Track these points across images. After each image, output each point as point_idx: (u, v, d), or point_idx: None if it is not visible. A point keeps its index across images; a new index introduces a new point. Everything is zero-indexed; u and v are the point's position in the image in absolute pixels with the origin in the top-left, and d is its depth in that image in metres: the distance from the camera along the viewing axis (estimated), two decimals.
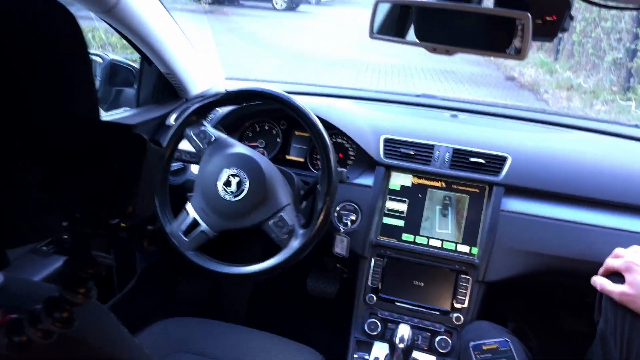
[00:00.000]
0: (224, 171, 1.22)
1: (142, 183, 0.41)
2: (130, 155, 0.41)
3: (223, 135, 1.28)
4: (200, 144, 1.26)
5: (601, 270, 1.04)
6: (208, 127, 1.27)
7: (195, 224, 1.24)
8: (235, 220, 1.22)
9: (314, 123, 1.21)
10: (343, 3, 14.74)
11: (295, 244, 1.19)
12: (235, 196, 1.21)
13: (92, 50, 1.54)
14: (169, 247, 1.26)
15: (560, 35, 1.00)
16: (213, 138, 1.26)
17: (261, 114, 1.54)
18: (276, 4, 12.78)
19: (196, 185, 1.26)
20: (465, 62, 8.19)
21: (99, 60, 1.51)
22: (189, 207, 1.25)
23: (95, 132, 0.42)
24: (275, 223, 1.20)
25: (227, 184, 1.21)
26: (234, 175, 1.22)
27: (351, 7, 13.68)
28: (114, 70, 1.52)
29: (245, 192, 1.20)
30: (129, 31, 1.26)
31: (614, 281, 0.98)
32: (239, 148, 1.26)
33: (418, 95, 1.73)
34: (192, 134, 1.26)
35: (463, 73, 7.69)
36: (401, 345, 1.08)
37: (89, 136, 0.42)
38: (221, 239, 1.25)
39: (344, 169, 1.29)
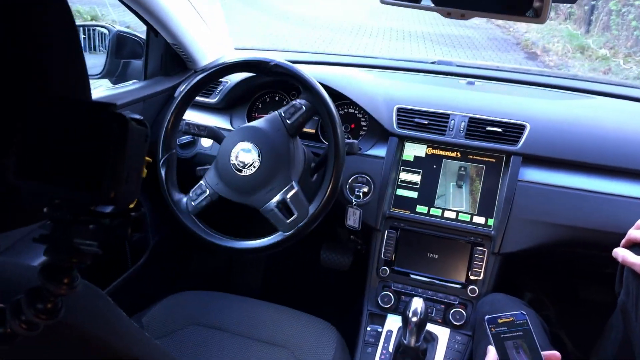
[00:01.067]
0: (238, 144, 1.20)
1: (124, 166, 0.39)
2: (110, 136, 0.38)
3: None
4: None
5: (623, 241, 1.00)
6: None
7: (205, 195, 1.23)
8: (238, 194, 1.21)
9: (319, 92, 1.17)
10: None
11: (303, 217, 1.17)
12: (241, 171, 1.19)
13: (98, 22, 1.51)
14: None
15: None
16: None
17: (271, 85, 1.50)
18: None
19: (216, 159, 1.24)
20: (481, 37, 7.88)
21: (105, 32, 1.48)
22: (203, 181, 1.24)
23: (72, 113, 0.39)
24: (277, 204, 1.17)
25: (241, 157, 1.19)
26: (247, 151, 1.19)
27: None
28: (121, 41, 1.49)
29: (252, 171, 1.18)
30: (134, 1, 1.22)
31: (637, 253, 0.95)
32: (263, 123, 1.22)
33: (433, 62, 1.68)
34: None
35: (479, 43, 7.47)
36: (414, 319, 1.06)
37: (66, 117, 0.39)
38: (229, 214, 1.24)
39: (355, 141, 1.26)
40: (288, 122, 1.19)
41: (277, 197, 1.17)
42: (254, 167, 1.18)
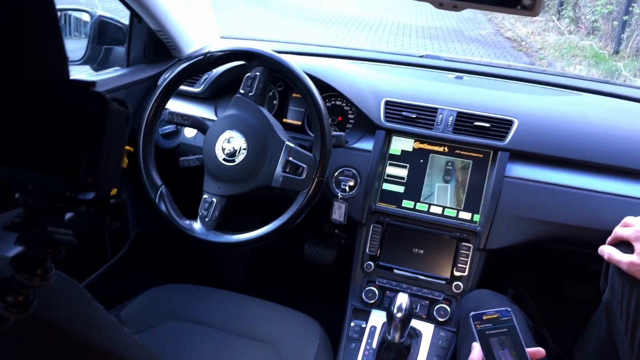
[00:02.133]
0: (219, 137, 1.19)
1: (104, 149, 0.36)
2: (89, 116, 0.35)
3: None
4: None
5: (609, 239, 1.00)
6: None
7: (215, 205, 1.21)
8: (243, 183, 1.19)
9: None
10: None
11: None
12: (234, 160, 1.17)
13: (78, 7, 1.46)
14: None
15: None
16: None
17: None
18: None
19: (204, 165, 1.23)
20: (489, 53, 7.44)
21: (87, 17, 1.44)
22: (204, 194, 1.22)
23: (48, 92, 0.36)
24: (283, 169, 1.16)
25: (227, 147, 1.18)
26: (232, 139, 1.18)
27: None
28: (103, 27, 1.45)
29: (245, 154, 1.17)
30: None
31: (623, 251, 0.95)
32: (231, 109, 1.21)
33: (422, 56, 1.67)
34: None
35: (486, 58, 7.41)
36: (399, 314, 1.05)
37: (42, 97, 0.36)
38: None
39: (342, 133, 1.25)
40: (251, 94, 1.20)
41: (280, 163, 1.16)
42: (244, 150, 1.17)
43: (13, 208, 0.40)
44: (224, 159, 1.18)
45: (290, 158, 1.16)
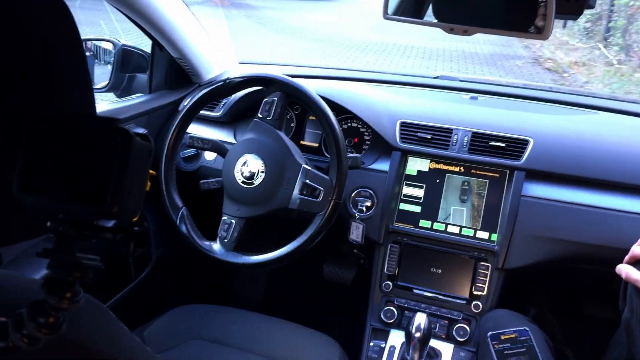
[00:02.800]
0: (238, 160, 1.22)
1: (128, 181, 0.39)
2: (114, 150, 0.38)
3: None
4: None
5: (627, 257, 0.99)
6: None
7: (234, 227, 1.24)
8: (261, 205, 1.21)
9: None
10: None
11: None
12: (252, 182, 1.20)
13: (103, 37, 1.52)
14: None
15: (587, 12, 0.95)
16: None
17: None
18: None
19: (224, 188, 1.26)
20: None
21: (110, 46, 1.50)
22: (224, 216, 1.25)
23: (76, 127, 0.40)
24: (300, 191, 1.18)
25: (246, 170, 1.21)
26: (251, 163, 1.21)
27: None
28: (126, 55, 1.50)
29: (263, 177, 1.20)
30: (138, 15, 1.24)
31: None
32: (250, 133, 1.24)
33: (436, 77, 1.69)
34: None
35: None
36: (418, 334, 1.06)
37: (70, 131, 0.40)
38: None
39: (358, 155, 1.27)
40: (269, 119, 1.23)
41: (297, 185, 1.18)
42: (262, 172, 1.20)
43: (44, 234, 0.43)
44: (242, 182, 1.21)
45: (307, 180, 1.18)
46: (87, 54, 1.52)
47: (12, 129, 0.41)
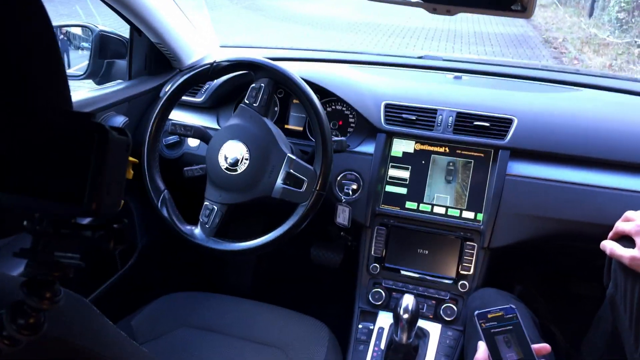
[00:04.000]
0: (222, 147, 1.21)
1: (106, 177, 0.37)
2: (91, 146, 0.37)
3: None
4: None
5: (611, 233, 1.01)
6: None
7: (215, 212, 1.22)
8: (244, 192, 1.20)
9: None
10: None
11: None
12: (236, 169, 1.19)
13: (80, 22, 1.48)
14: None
15: None
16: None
17: None
18: None
19: (207, 173, 1.24)
20: None
21: (88, 32, 1.46)
22: (206, 202, 1.23)
23: (51, 123, 0.38)
24: (284, 181, 1.17)
25: (230, 156, 1.19)
26: (235, 149, 1.19)
27: None
28: (104, 41, 1.46)
29: (247, 164, 1.18)
30: (117, 1, 1.21)
31: (625, 245, 0.95)
32: (235, 119, 1.23)
33: (420, 57, 1.68)
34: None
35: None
36: (405, 316, 1.06)
37: (45, 127, 0.38)
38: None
39: (343, 138, 1.26)
40: (255, 105, 1.21)
41: (281, 174, 1.17)
42: (246, 160, 1.19)
43: (19, 233, 0.42)
44: (226, 168, 1.20)
45: (291, 170, 1.17)
46: (61, 37, 1.48)
47: None
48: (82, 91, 1.35)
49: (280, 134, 1.23)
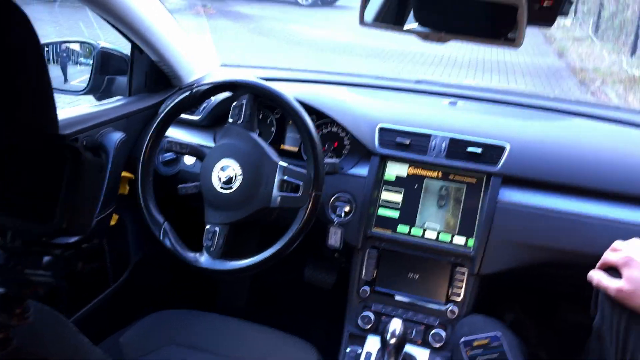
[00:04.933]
0: (215, 166, 1.22)
1: (78, 197, 0.38)
2: (63, 167, 0.38)
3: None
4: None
5: (599, 264, 1.01)
6: None
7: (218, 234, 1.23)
8: (243, 208, 1.21)
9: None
10: None
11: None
12: (231, 186, 1.20)
13: (82, 39, 1.51)
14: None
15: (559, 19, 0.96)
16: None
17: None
18: None
19: (203, 196, 1.25)
20: None
21: (89, 48, 1.48)
22: (207, 225, 1.24)
23: (26, 144, 0.39)
24: (280, 189, 1.18)
25: (223, 175, 1.20)
26: (227, 167, 1.20)
27: None
28: (105, 58, 1.49)
29: (241, 180, 1.20)
30: (116, 19, 1.23)
31: (612, 276, 0.95)
32: (224, 139, 1.24)
33: (418, 82, 1.69)
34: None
35: None
36: (392, 340, 1.06)
37: (20, 148, 0.39)
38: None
39: (336, 160, 1.27)
40: (240, 122, 1.23)
41: (276, 183, 1.18)
42: (239, 175, 1.20)
43: None
44: (221, 187, 1.21)
45: (285, 177, 1.18)
46: (63, 54, 1.51)
47: None
48: (81, 106, 1.37)
49: (267, 146, 1.24)
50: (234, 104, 1.24)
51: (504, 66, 6.90)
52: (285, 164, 1.20)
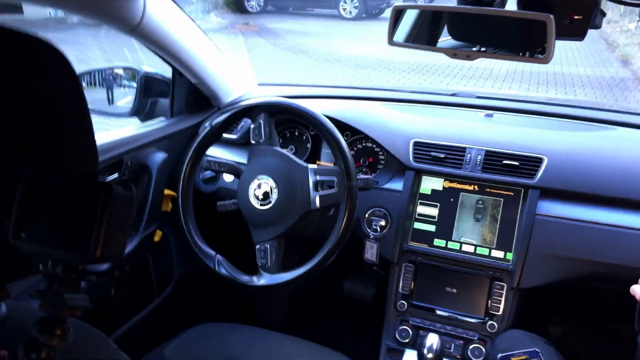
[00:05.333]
0: (250, 185, 1.25)
1: (109, 229, 0.43)
2: (97, 202, 0.42)
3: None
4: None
5: None
6: None
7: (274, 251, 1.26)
8: (286, 219, 1.23)
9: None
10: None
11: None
12: (270, 201, 1.23)
13: (126, 64, 1.59)
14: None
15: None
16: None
17: (291, 121, 1.54)
18: (344, 10, 9.83)
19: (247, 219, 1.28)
20: None
21: (134, 73, 1.56)
22: (258, 246, 1.27)
23: (65, 181, 0.44)
24: (315, 189, 1.20)
25: (259, 193, 1.24)
26: (262, 184, 1.24)
27: None
28: (148, 82, 1.56)
29: (277, 192, 1.23)
30: (156, 46, 1.29)
31: None
32: (253, 160, 1.28)
33: (453, 94, 1.69)
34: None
35: None
36: (430, 355, 1.06)
37: (59, 185, 0.44)
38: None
39: (369, 176, 1.29)
40: (262, 141, 1.27)
41: (311, 185, 1.21)
42: (275, 189, 1.23)
43: (35, 274, 0.48)
44: (260, 205, 1.24)
45: (318, 177, 1.21)
46: (110, 77, 1.59)
47: (10, 179, 0.45)
48: (128, 128, 1.44)
49: (292, 155, 1.27)
50: (252, 126, 1.27)
51: (561, 78, 6.50)
52: (314, 166, 1.22)
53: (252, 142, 1.28)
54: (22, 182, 0.44)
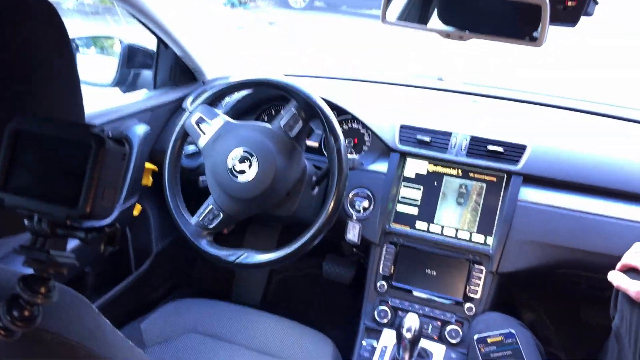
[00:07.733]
0: (234, 150, 1.21)
1: (101, 183, 0.41)
2: (88, 155, 0.40)
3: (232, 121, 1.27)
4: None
5: (619, 265, 1.00)
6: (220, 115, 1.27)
7: (211, 212, 1.24)
8: (252, 206, 1.22)
9: (323, 111, 1.20)
10: None
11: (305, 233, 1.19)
12: (244, 177, 1.20)
13: (109, 34, 1.55)
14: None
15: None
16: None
17: (276, 98, 1.52)
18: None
19: (207, 171, 1.26)
20: None
21: (117, 43, 1.52)
22: (212, 205, 1.25)
23: (54, 132, 0.42)
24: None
25: (238, 164, 1.21)
26: (244, 156, 1.21)
27: None
28: (132, 53, 1.52)
29: (254, 174, 1.19)
30: (143, 15, 1.26)
31: (632, 277, 0.95)
32: (250, 130, 1.25)
33: (439, 80, 1.69)
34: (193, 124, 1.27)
35: None
36: (408, 335, 1.07)
37: (48, 135, 0.42)
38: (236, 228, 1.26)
39: (356, 157, 1.28)
40: (291, 134, 1.22)
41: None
42: (254, 169, 1.19)
43: (22, 232, 0.46)
44: (231, 172, 1.22)
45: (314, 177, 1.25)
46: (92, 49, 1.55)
47: None
48: (109, 98, 1.40)
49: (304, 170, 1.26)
50: (285, 108, 1.24)
51: None
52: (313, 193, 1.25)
53: (281, 125, 1.22)
54: (8, 130, 0.42)
